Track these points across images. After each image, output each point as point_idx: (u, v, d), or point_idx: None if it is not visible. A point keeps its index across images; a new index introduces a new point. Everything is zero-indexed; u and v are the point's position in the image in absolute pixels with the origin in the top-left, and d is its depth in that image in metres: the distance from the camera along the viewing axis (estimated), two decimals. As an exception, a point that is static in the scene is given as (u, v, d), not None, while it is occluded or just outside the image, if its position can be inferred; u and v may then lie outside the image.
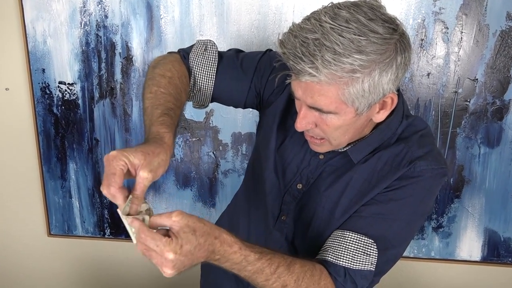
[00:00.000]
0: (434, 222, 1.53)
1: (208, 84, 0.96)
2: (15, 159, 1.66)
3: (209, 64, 0.96)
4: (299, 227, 0.93)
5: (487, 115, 1.41)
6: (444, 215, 1.52)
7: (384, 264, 0.85)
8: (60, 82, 1.53)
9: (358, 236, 0.83)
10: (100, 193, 1.65)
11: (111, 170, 0.67)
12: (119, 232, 1.70)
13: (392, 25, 0.71)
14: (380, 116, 0.80)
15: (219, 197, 1.61)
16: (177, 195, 1.62)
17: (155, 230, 0.67)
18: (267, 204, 0.96)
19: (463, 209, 1.51)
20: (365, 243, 0.83)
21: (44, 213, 1.70)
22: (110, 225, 1.69)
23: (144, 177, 0.69)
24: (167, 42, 1.44)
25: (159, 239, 0.65)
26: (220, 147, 1.55)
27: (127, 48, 1.47)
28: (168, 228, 0.68)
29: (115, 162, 0.67)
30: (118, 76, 1.50)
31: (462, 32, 1.34)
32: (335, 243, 0.85)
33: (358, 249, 0.82)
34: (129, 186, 0.71)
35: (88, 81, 1.52)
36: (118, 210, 0.71)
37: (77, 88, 1.53)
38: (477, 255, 1.56)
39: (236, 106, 1.01)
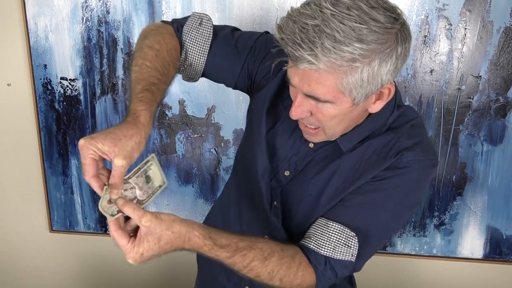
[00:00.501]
0: (436, 220, 1.53)
1: (200, 60, 0.93)
2: (17, 155, 1.66)
3: (203, 40, 0.92)
4: (286, 213, 0.94)
5: (490, 112, 1.40)
6: (446, 212, 1.52)
7: (365, 254, 0.86)
8: (62, 78, 1.53)
9: (341, 227, 0.84)
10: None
11: (82, 160, 0.68)
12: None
13: (394, 14, 0.70)
14: (376, 107, 0.79)
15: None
16: (178, 192, 1.62)
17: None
18: (261, 189, 0.94)
19: (465, 206, 1.51)
20: (347, 235, 0.84)
21: (46, 209, 1.71)
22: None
23: (119, 165, 0.69)
24: (169, 38, 1.44)
25: (124, 244, 0.70)
26: (222, 144, 1.54)
27: (129, 44, 1.46)
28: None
29: (84, 151, 0.68)
30: (120, 72, 1.50)
31: (465, 28, 1.33)
32: (318, 231, 0.86)
33: (340, 240, 0.84)
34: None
35: (90, 77, 1.52)
36: (100, 202, 0.71)
37: (79, 84, 1.53)
38: (479, 252, 1.55)
39: (226, 85, 0.99)
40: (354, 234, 0.83)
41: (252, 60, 0.93)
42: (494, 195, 1.48)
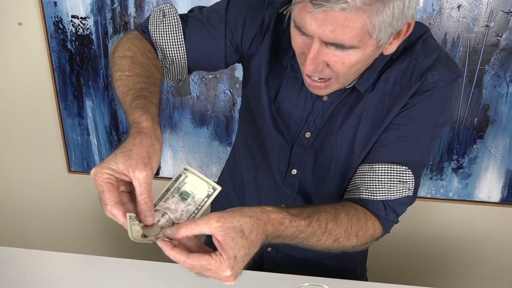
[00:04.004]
0: (454, 163, 1.51)
1: (179, 53, 0.85)
2: (32, 96, 1.66)
3: (172, 30, 0.84)
4: (317, 175, 0.90)
5: (519, 51, 1.33)
6: (465, 156, 1.49)
7: (418, 182, 0.83)
8: (73, 16, 1.49)
9: (388, 166, 0.80)
10: (117, 130, 1.65)
11: (99, 189, 0.60)
12: (137, 169, 1.72)
13: None
14: (392, 47, 0.72)
15: (236, 135, 1.60)
16: (193, 133, 1.62)
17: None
18: (271, 161, 0.91)
19: (485, 150, 1.48)
20: (398, 172, 0.80)
21: (64, 150, 1.73)
22: (128, 162, 1.71)
23: (142, 177, 0.60)
24: (182, -28, 1.37)
25: (208, 262, 0.59)
26: (237, 85, 1.51)
27: (140, -21, 1.41)
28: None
29: (99, 179, 0.60)
30: (131, 9, 1.45)
31: (499, -42, 1.24)
32: (366, 179, 0.82)
33: (392, 180, 0.80)
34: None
35: (101, 15, 1.47)
36: (130, 235, 0.60)
37: (90, 23, 1.49)
38: (496, 196, 1.54)
39: (217, 69, 0.91)
40: (406, 167, 0.80)
41: (232, 32, 0.85)
42: (517, 138, 1.45)
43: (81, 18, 1.49)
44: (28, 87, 1.65)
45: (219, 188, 0.66)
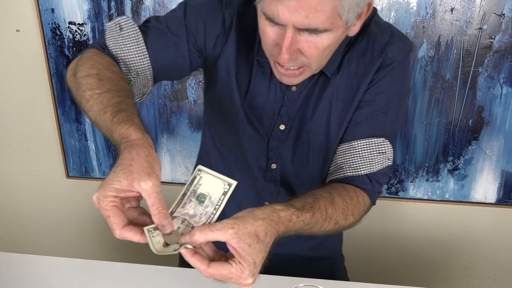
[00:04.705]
0: (450, 165, 1.52)
1: (144, 64, 0.82)
2: (30, 102, 1.67)
3: (134, 42, 0.81)
4: (297, 165, 0.92)
5: (512, 53, 1.35)
6: (461, 157, 1.50)
7: (394, 153, 0.87)
8: (70, 23, 1.50)
9: (366, 141, 0.84)
10: (115, 135, 1.66)
11: (104, 214, 0.58)
12: (135, 174, 1.73)
13: None
14: (356, 28, 0.75)
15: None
16: (191, 138, 1.63)
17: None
18: (249, 159, 0.91)
19: (481, 151, 1.49)
20: (376, 144, 0.84)
21: (62, 156, 1.73)
22: (126, 167, 1.72)
23: (149, 188, 0.57)
24: (178, -22, 1.39)
25: (228, 271, 0.59)
26: (234, 89, 1.52)
27: (136, -15, 1.42)
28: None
29: (103, 204, 0.57)
30: (128, 15, 1.46)
31: (490, -38, 1.25)
32: (347, 157, 0.85)
33: (372, 152, 0.84)
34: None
35: (98, 21, 1.49)
36: (153, 248, 0.58)
37: (87, 29, 1.51)
38: (492, 197, 1.55)
39: (181, 76, 0.89)
40: (383, 138, 0.84)
41: (194, 36, 0.84)
42: (511, 139, 1.46)
43: (78, 24, 1.50)
44: (26, 93, 1.66)
45: (234, 183, 0.64)
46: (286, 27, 0.68)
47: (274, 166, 0.92)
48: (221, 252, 0.64)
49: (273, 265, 0.73)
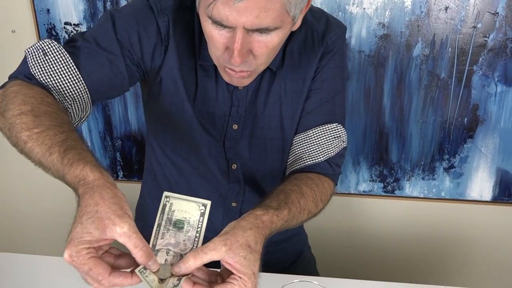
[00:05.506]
0: (446, 163, 1.52)
1: (79, 88, 0.75)
2: (26, 103, 1.67)
3: (64, 66, 0.74)
4: (256, 161, 0.92)
5: (506, 52, 1.35)
6: (456, 155, 1.51)
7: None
8: (66, 23, 1.50)
9: (321, 128, 0.86)
10: (111, 135, 1.66)
11: (83, 269, 0.53)
12: (132, 174, 1.73)
13: None
14: (299, 22, 0.75)
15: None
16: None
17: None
18: (211, 166, 0.91)
19: (476, 149, 1.49)
20: (331, 129, 0.87)
21: (59, 156, 1.73)
22: (123, 167, 1.72)
23: (125, 232, 0.53)
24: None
25: None
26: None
27: (131, -14, 1.42)
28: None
29: (78, 259, 0.53)
30: (124, 15, 1.47)
31: (484, -39, 1.26)
32: (305, 146, 0.87)
33: (328, 138, 0.86)
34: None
35: (93, 21, 1.49)
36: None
37: (83, 29, 1.51)
38: (488, 195, 1.55)
39: (121, 93, 0.83)
40: (336, 123, 0.87)
41: (130, 51, 0.79)
42: (506, 137, 1.46)
43: (74, 24, 1.50)
44: (22, 94, 1.66)
45: (208, 202, 0.63)
46: (236, 29, 0.66)
47: (234, 166, 0.92)
48: (215, 272, 0.63)
49: None
